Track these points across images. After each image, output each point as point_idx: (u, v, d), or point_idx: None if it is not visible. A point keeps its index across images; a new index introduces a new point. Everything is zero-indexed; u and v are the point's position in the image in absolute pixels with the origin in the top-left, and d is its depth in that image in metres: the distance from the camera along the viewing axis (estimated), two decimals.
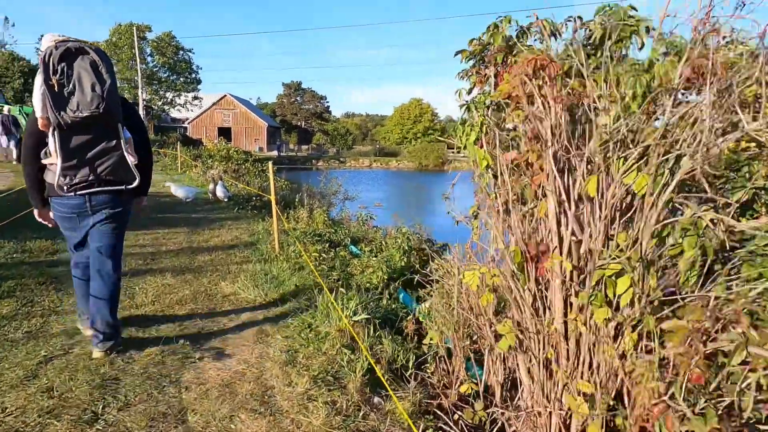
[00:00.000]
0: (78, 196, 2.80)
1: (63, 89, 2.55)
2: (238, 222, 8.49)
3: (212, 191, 10.74)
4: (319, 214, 8.54)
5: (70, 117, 2.56)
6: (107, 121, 2.70)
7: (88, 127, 2.66)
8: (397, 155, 61.51)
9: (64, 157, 2.66)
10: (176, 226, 7.72)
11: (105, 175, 2.81)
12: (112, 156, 2.79)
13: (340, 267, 6.04)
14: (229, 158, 18.61)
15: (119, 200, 2.95)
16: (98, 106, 2.58)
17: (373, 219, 9.13)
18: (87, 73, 2.58)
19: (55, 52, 2.53)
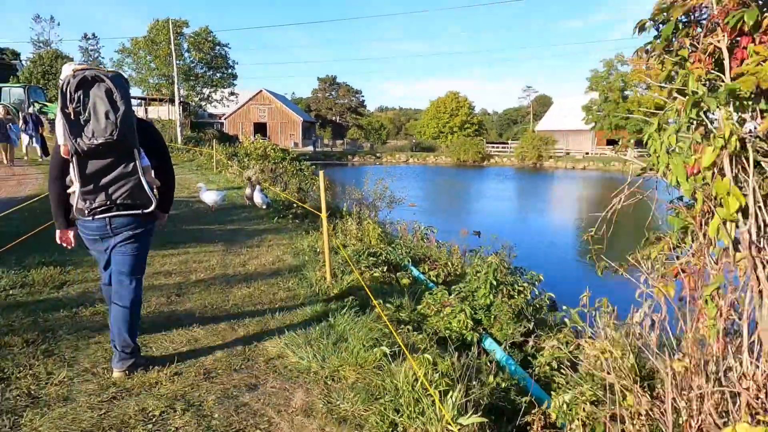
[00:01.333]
0: (99, 219, 2.84)
1: (79, 117, 2.61)
2: (279, 235, 7.36)
3: (249, 196, 9.68)
4: (371, 227, 7.31)
5: (86, 144, 2.62)
6: (123, 147, 2.74)
7: (104, 154, 2.71)
8: (433, 150, 59.86)
9: (82, 183, 2.73)
10: (209, 242, 6.64)
11: (122, 199, 2.83)
12: (129, 181, 2.82)
13: (408, 303, 4.79)
14: (266, 157, 17.65)
15: (139, 222, 2.95)
16: (112, 133, 2.63)
17: (433, 232, 7.83)
18: (102, 100, 2.63)
19: (72, 80, 2.59)
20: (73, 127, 2.59)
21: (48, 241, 6.07)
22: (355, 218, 8.49)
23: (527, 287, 4.83)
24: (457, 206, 21.93)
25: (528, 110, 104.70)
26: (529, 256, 11.40)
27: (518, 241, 13.02)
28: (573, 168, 45.73)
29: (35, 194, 9.33)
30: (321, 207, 5.17)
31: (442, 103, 69.98)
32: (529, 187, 31.26)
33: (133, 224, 2.91)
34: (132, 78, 40.33)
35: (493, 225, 15.49)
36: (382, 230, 7.45)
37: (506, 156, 52.12)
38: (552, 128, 57.24)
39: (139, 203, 2.88)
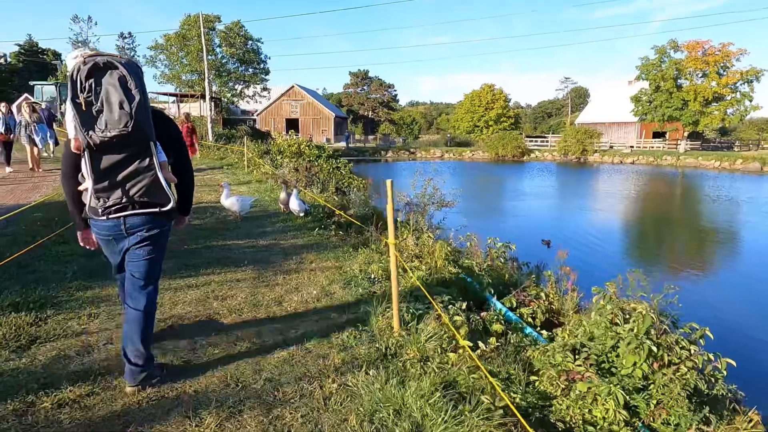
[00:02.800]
0: (113, 219, 2.61)
1: (91, 107, 2.36)
2: (322, 254, 5.96)
3: (284, 202, 8.33)
4: (438, 245, 5.80)
5: (99, 137, 2.36)
6: (139, 140, 2.46)
7: (118, 147, 2.44)
8: (469, 145, 57.74)
9: (96, 179, 2.48)
10: (236, 266, 5.29)
11: (138, 196, 2.59)
12: (146, 177, 2.56)
13: (520, 374, 3.29)
14: (300, 154, 16.37)
15: (155, 222, 2.72)
16: (127, 124, 2.36)
17: (510, 248, 6.27)
18: (115, 89, 2.35)
19: (83, 68, 2.33)
20: (84, 119, 2.36)
21: (33, 267, 4.90)
22: (411, 230, 7.02)
23: (694, 349, 3.25)
24: (502, 206, 20.10)
25: (564, 102, 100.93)
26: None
27: (588, 254, 11.38)
28: (621, 162, 42.93)
29: (45, 201, 8.23)
30: (388, 226, 3.70)
31: (477, 96, 67.77)
32: (579, 184, 29.01)
33: (149, 225, 2.70)
34: (165, 75, 40.08)
35: (552, 230, 13.74)
36: (451, 248, 5.93)
37: (547, 150, 49.58)
38: (593, 121, 54.37)
39: (156, 201, 2.66)
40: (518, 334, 4.18)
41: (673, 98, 40.25)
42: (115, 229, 2.64)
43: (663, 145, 47.08)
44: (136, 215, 2.62)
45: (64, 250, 5.47)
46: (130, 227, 2.64)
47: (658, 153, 43.18)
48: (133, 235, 2.67)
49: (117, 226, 2.62)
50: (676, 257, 11.99)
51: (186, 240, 6.26)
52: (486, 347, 3.49)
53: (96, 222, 2.64)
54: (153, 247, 2.76)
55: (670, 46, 41.46)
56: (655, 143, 48.56)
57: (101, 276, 4.68)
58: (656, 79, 41.22)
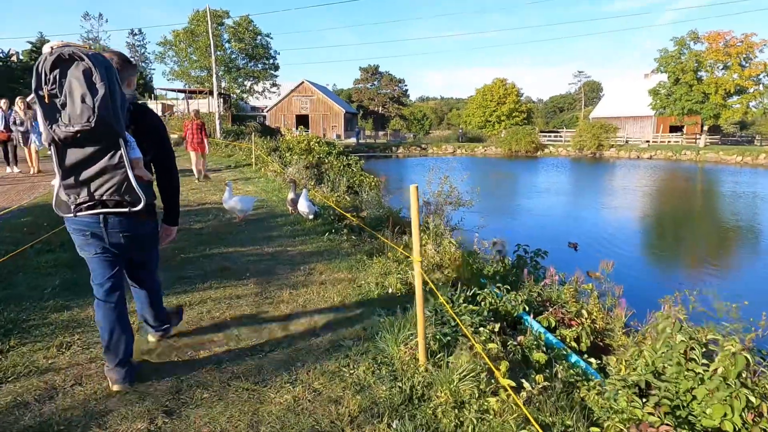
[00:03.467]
0: (89, 215, 2.50)
1: (55, 100, 2.26)
2: (334, 263, 5.36)
3: (292, 202, 7.75)
4: (462, 254, 5.16)
5: (62, 131, 2.26)
6: (105, 135, 2.32)
7: (84, 143, 2.32)
8: (481, 140, 56.79)
9: (63, 175, 2.40)
10: (238, 279, 4.72)
11: (109, 194, 2.45)
12: (115, 174, 2.41)
13: (573, 421, 2.67)
14: (309, 151, 15.79)
15: (135, 224, 2.60)
16: (89, 119, 2.23)
17: (543, 257, 5.60)
18: (78, 82, 2.22)
19: (48, 58, 2.22)
20: (48, 112, 2.26)
21: (8, 281, 4.37)
22: (431, 236, 6.40)
23: None
24: (519, 203, 19.32)
25: (576, 96, 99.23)
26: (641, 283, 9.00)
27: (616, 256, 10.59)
28: (638, 157, 41.77)
29: (37, 203, 7.74)
30: (413, 240, 3.09)
31: (488, 90, 66.70)
32: (598, 181, 28.09)
33: (129, 225, 2.57)
34: (173, 71, 39.69)
35: (575, 231, 13.03)
36: (473, 256, 5.29)
37: (561, 146, 48.52)
38: (607, 115, 53.20)
39: (127, 200, 2.49)
40: (563, 364, 3.55)
41: (694, 91, 38.98)
42: (94, 226, 2.53)
43: (681, 139, 45.77)
44: (113, 214, 2.52)
45: (48, 260, 4.94)
46: (111, 225, 2.54)
47: (676, 148, 41.95)
48: (112, 234, 2.56)
49: (95, 222, 2.52)
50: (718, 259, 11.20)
51: (183, 247, 5.70)
52: (532, 387, 2.87)
53: (70, 218, 2.53)
54: (141, 246, 2.72)
55: (690, 38, 40.14)
56: (672, 138, 47.28)
57: (83, 291, 4.13)
58: (675, 72, 39.92)
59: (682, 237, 13.74)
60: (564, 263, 6.96)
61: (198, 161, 11.74)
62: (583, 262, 10.12)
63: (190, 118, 11.98)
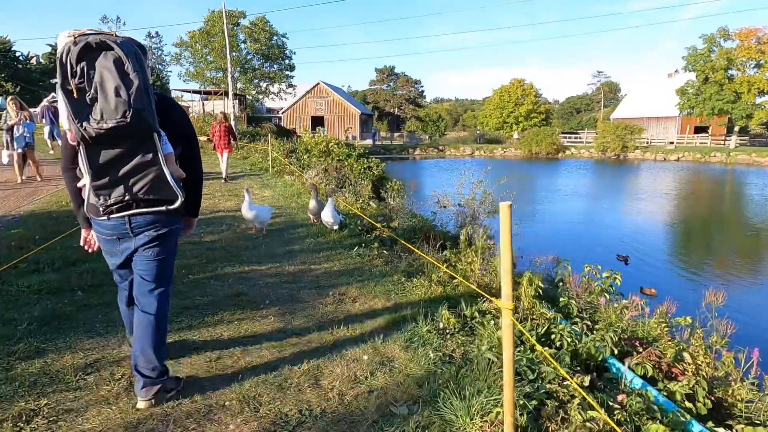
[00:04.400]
0: (117, 218, 2.33)
1: (84, 95, 2.06)
2: (366, 286, 4.52)
3: (314, 211, 6.93)
4: (526, 278, 4.25)
5: (94, 129, 2.07)
6: (139, 130, 2.16)
7: (117, 140, 2.16)
8: (499, 142, 55.58)
9: (94, 176, 2.21)
10: (255, 308, 3.90)
11: (143, 194, 2.29)
12: (150, 171, 2.27)
13: None
14: (328, 153, 15.00)
15: (164, 220, 2.43)
16: (125, 114, 2.06)
17: (617, 281, 4.67)
18: (110, 73, 2.04)
19: (72, 49, 2.01)
20: (76, 108, 2.06)
21: None
22: (478, 252, 5.51)
23: None
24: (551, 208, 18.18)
25: (593, 97, 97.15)
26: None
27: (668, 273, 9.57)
28: (664, 159, 40.28)
29: (34, 211, 7.03)
30: (502, 283, 2.26)
31: (506, 91, 65.53)
32: (629, 184, 26.82)
33: (157, 224, 2.41)
34: (189, 72, 39.37)
35: (617, 240, 12.00)
36: (540, 280, 4.39)
37: (583, 147, 47.14)
38: (629, 116, 51.67)
39: (162, 198, 2.34)
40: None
41: (725, 90, 37.40)
42: (120, 229, 2.37)
43: (709, 140, 44.08)
44: (141, 214, 2.35)
45: (32, 282, 4.17)
46: (137, 227, 2.37)
47: (705, 149, 40.34)
48: (139, 236, 2.40)
49: (122, 225, 2.36)
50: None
51: (192, 266, 4.90)
52: None
53: (97, 221, 2.39)
54: (162, 248, 2.50)
55: (720, 35, 38.56)
56: (697, 139, 45.60)
57: (65, 327, 3.35)
58: (705, 70, 38.38)
59: (729, 241, 12.64)
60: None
61: (225, 162, 11.70)
62: (630, 276, 9.15)
63: (218, 120, 11.92)
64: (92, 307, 3.75)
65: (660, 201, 20.01)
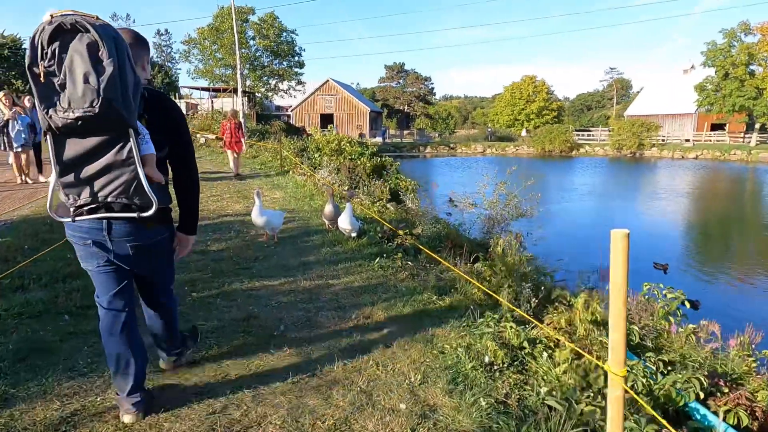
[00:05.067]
0: (91, 221, 2.10)
1: (52, 79, 1.84)
2: (394, 307, 3.96)
3: (330, 216, 6.37)
4: (581, 302, 3.65)
5: (60, 117, 1.85)
6: (112, 124, 1.91)
7: (86, 132, 1.92)
8: (511, 139, 54.77)
9: (61, 171, 1.99)
10: (267, 337, 3.35)
11: (115, 196, 2.04)
12: (124, 172, 2.01)
13: None
14: (340, 152, 14.44)
15: (146, 231, 2.19)
16: (92, 103, 1.82)
17: (687, 305, 4.05)
18: (81, 57, 1.81)
19: (47, 28, 1.80)
20: (43, 93, 1.85)
21: None
22: (521, 270, 4.92)
23: None
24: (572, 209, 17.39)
25: (604, 94, 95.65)
26: None
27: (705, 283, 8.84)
28: (682, 157, 39.26)
29: (28, 216, 6.54)
30: (611, 345, 1.70)
31: (517, 88, 64.67)
32: (650, 183, 25.94)
33: (138, 233, 2.16)
34: (198, 69, 38.99)
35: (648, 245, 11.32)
36: (597, 304, 3.80)
37: (597, 145, 46.17)
38: (643, 113, 50.56)
39: (136, 204, 2.08)
40: None
41: (746, 86, 36.32)
42: (96, 233, 2.12)
43: (728, 138, 42.92)
44: (120, 219, 2.09)
45: (14, 303, 3.64)
46: (116, 233, 2.12)
47: (725, 147, 39.28)
48: (118, 244, 2.14)
49: (98, 229, 2.11)
50: None
51: (196, 281, 4.36)
52: None
53: (70, 224, 2.12)
54: (150, 262, 2.28)
55: (741, 29, 37.44)
56: (714, 136, 44.44)
57: (44, 364, 2.82)
58: (725, 66, 37.30)
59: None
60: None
61: (234, 160, 11.73)
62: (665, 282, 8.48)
63: (228, 118, 11.88)
64: (78, 335, 3.21)
65: (683, 201, 19.23)
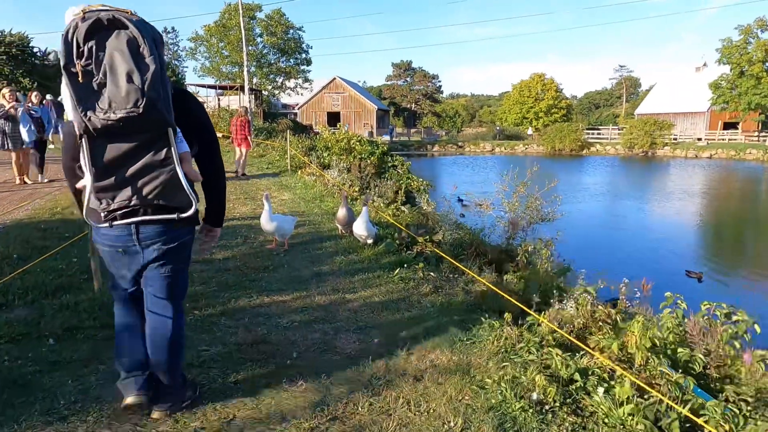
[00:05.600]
0: (121, 227, 2.02)
1: (91, 79, 1.75)
2: (420, 327, 3.52)
3: (343, 221, 5.93)
4: (637, 326, 3.18)
5: (100, 119, 1.76)
6: (152, 124, 1.85)
7: (126, 134, 1.85)
8: (520, 138, 54.13)
9: (97, 175, 1.90)
10: (280, 365, 2.92)
11: (153, 198, 1.97)
12: (162, 172, 1.94)
13: None
14: (350, 151, 13.99)
15: (175, 231, 2.11)
16: (137, 103, 1.75)
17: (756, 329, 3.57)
18: (122, 55, 1.73)
19: (80, 25, 1.72)
20: (81, 95, 1.75)
21: None
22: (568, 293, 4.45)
23: None
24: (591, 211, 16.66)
25: (613, 92, 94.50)
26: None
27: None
28: (696, 157, 38.49)
29: (21, 220, 6.14)
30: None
31: (525, 86, 63.95)
32: (669, 183, 25.27)
33: (168, 234, 2.09)
34: (204, 67, 38.69)
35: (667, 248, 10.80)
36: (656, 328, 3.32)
37: (609, 143, 45.43)
38: (654, 111, 49.72)
39: (175, 204, 2.02)
40: None
41: (762, 84, 35.51)
42: (125, 240, 2.04)
43: (744, 137, 42.04)
44: (149, 223, 2.02)
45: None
46: (145, 238, 2.04)
47: (740, 146, 38.47)
48: (148, 248, 2.07)
49: (127, 236, 2.04)
50: None
51: (199, 295, 3.94)
52: None
53: (98, 229, 2.06)
54: (174, 263, 2.18)
55: (757, 25, 36.60)
56: (728, 135, 43.56)
57: (20, 404, 2.39)
58: (741, 63, 36.50)
59: None
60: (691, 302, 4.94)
61: (240, 157, 11.56)
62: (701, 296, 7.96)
63: (237, 114, 11.81)
64: (63, 366, 2.79)
65: (705, 202, 18.61)
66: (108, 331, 3.12)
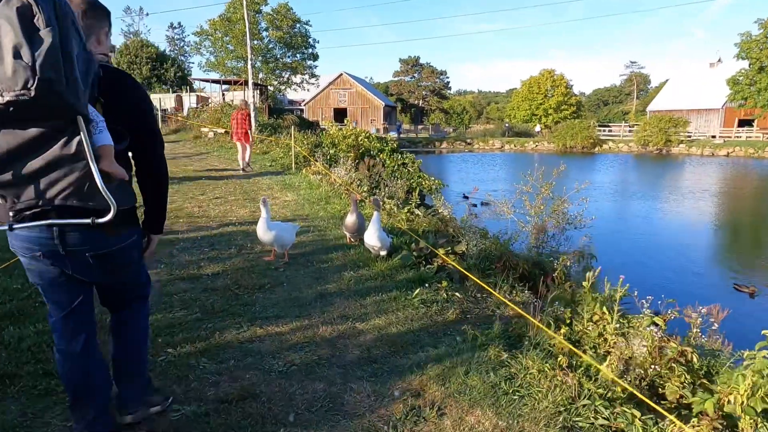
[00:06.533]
0: (41, 227, 1.69)
1: None
2: (452, 374, 2.77)
3: (352, 229, 5.19)
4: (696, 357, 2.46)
5: None
6: (54, 111, 1.49)
7: (23, 121, 1.49)
8: (529, 135, 53.10)
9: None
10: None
11: (63, 198, 1.63)
12: (73, 169, 1.60)
13: None
14: (358, 147, 13.24)
15: (107, 238, 1.80)
16: (27, 84, 1.37)
17: None
18: (10, 26, 1.37)
19: None
20: None
21: None
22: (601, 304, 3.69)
23: None
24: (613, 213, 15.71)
25: (623, 89, 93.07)
26: None
27: None
28: (712, 154, 37.39)
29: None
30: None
31: (535, 82, 62.95)
32: (690, 182, 24.35)
33: (96, 243, 1.78)
34: (209, 62, 38.01)
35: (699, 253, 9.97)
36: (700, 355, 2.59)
37: (621, 141, 44.35)
38: (667, 108, 48.52)
39: (90, 206, 1.68)
40: None
41: None
42: (45, 243, 1.72)
43: (762, 135, 40.82)
44: (71, 227, 1.71)
45: None
46: (71, 244, 1.73)
47: (759, 144, 37.32)
48: (73, 257, 1.76)
49: (47, 239, 1.72)
50: None
51: (176, 326, 3.21)
52: None
53: (12, 232, 1.72)
54: (118, 268, 1.91)
55: None
56: (744, 132, 42.34)
57: None
58: (760, 59, 35.31)
59: None
60: (733, 323, 4.21)
61: (243, 152, 11.29)
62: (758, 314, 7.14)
63: (238, 108, 11.52)
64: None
65: (732, 202, 17.66)
66: (52, 379, 2.41)
